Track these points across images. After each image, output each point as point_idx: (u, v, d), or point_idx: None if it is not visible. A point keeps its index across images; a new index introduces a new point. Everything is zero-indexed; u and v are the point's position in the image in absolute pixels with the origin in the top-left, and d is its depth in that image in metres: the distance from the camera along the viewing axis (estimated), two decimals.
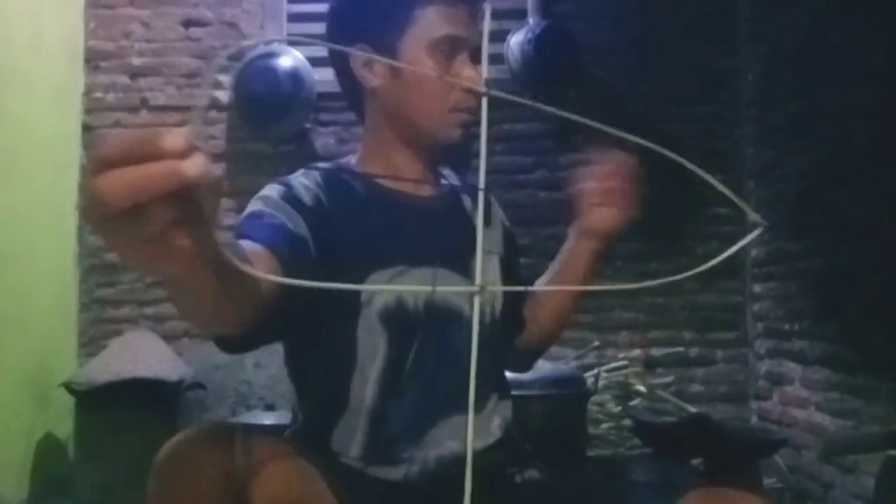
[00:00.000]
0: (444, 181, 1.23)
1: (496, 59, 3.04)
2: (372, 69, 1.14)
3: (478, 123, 0.95)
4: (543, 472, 1.21)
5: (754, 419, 3.02)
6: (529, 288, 1.32)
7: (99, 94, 3.15)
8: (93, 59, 3.15)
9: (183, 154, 0.49)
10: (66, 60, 3.05)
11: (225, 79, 3.07)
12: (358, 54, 1.12)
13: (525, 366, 1.36)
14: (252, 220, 1.02)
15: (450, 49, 1.12)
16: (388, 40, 1.13)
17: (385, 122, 1.17)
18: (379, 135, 1.17)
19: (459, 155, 1.20)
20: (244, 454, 0.86)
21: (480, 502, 0.61)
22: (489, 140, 1.19)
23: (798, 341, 2.66)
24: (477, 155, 0.63)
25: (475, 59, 1.13)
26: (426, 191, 1.18)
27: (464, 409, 1.03)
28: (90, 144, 3.10)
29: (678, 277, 0.65)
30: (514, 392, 1.19)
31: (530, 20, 3.03)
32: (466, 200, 1.23)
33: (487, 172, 0.68)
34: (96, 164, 0.49)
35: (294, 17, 3.13)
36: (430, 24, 1.12)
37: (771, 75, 2.91)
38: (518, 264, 1.31)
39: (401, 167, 1.16)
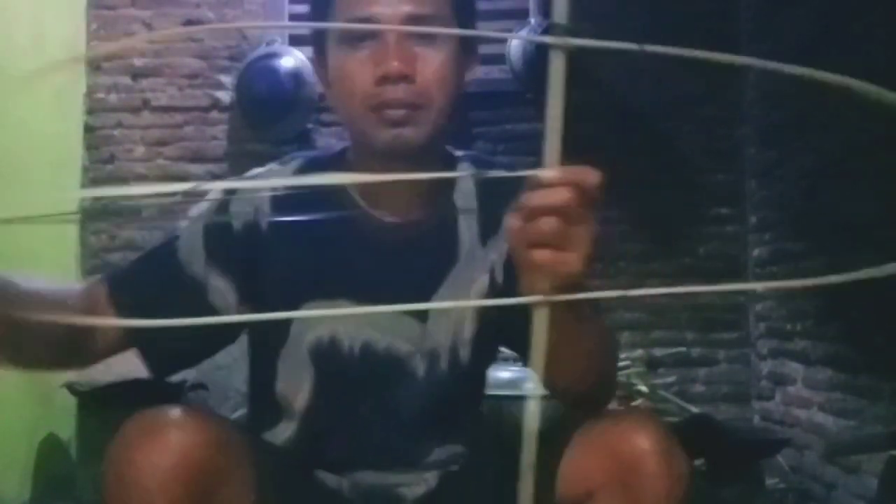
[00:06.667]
0: (441, 199, 1.02)
1: (498, 59, 3.04)
2: (321, 76, 1.02)
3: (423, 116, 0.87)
4: None
5: (756, 419, 3.01)
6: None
7: (101, 95, 3.15)
8: (94, 60, 3.15)
9: None
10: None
11: (226, 79, 3.07)
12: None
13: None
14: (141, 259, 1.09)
15: (362, 34, 0.93)
16: (319, 39, 1.00)
17: (348, 133, 1.04)
18: (355, 149, 1.03)
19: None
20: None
21: None
22: (491, 140, 1.19)
23: (800, 341, 2.66)
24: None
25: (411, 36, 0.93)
26: (409, 214, 1.00)
27: (392, 466, 0.99)
28: (91, 145, 3.10)
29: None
30: (516, 392, 1.16)
31: (532, 20, 3.03)
32: (465, 224, 1.03)
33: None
34: None
35: (295, 18, 3.12)
36: (339, 8, 0.96)
37: (772, 75, 2.90)
38: None
39: (374, 187, 0.98)
